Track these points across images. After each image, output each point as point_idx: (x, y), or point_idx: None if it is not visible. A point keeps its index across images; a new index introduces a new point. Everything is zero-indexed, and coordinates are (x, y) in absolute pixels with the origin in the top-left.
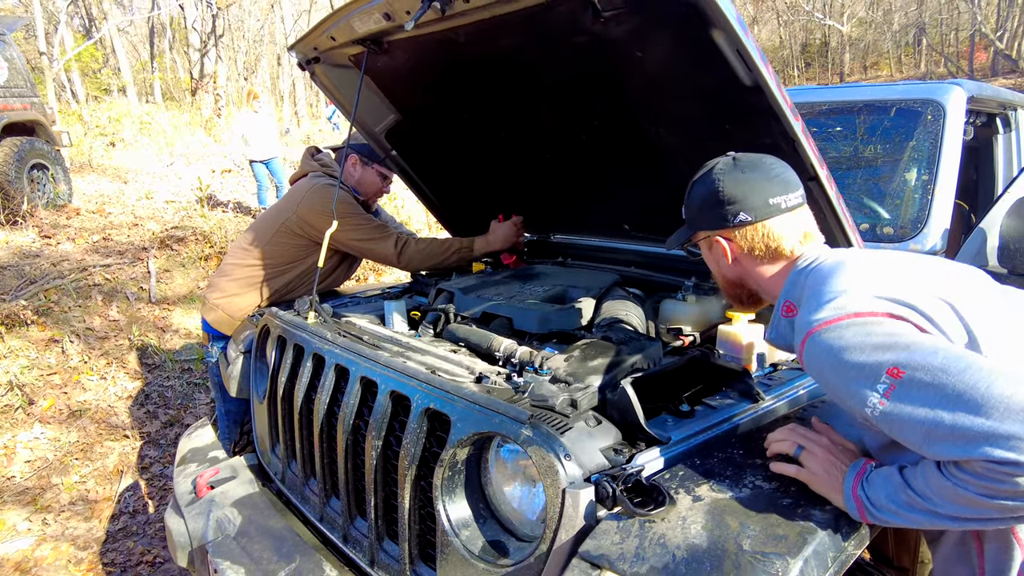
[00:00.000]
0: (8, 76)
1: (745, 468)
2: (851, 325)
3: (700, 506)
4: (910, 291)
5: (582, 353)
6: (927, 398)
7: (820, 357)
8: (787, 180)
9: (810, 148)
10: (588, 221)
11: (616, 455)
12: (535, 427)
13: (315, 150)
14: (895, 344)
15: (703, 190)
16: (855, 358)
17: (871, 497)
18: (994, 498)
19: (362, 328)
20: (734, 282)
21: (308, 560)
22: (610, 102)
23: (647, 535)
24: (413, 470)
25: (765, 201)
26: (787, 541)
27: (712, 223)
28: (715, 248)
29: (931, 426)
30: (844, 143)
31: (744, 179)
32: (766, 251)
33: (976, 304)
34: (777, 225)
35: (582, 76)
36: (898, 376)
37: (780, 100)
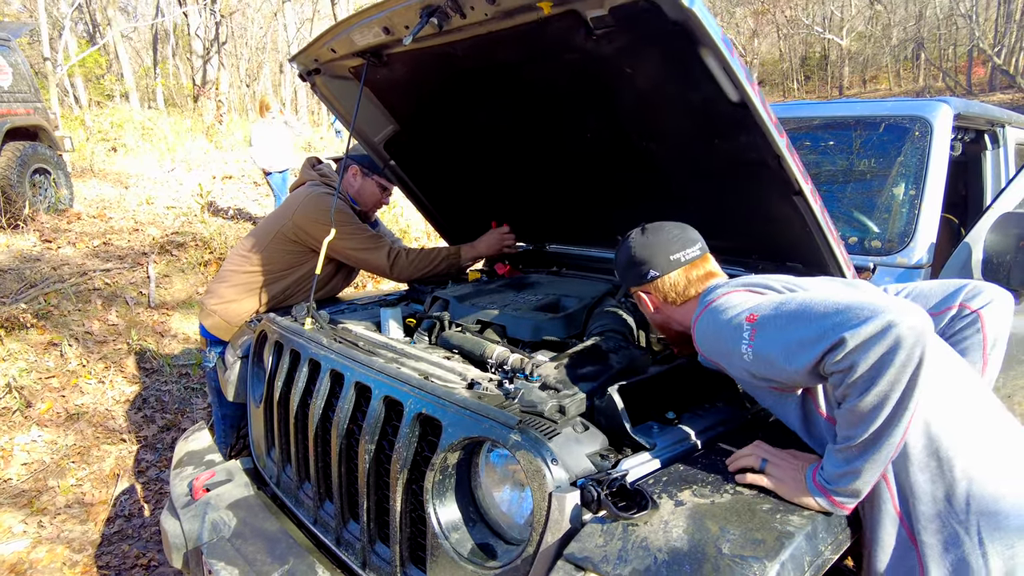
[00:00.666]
0: (12, 81)
1: (727, 475)
2: (716, 306)
3: (682, 510)
4: (761, 279)
5: (572, 361)
6: (777, 327)
7: (702, 337)
8: (684, 239)
9: (794, 163)
10: (582, 231)
11: (602, 460)
12: (524, 432)
13: (315, 160)
14: (747, 301)
15: (623, 256)
16: (723, 323)
17: (826, 477)
18: (860, 389)
19: (358, 334)
20: (663, 326)
21: (301, 562)
22: (602, 116)
23: (630, 538)
24: (405, 474)
25: (667, 258)
26: (765, 545)
27: (634, 280)
28: (641, 300)
29: (785, 346)
30: (834, 158)
31: (649, 243)
32: (677, 296)
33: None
34: (681, 275)
35: (575, 91)
36: (753, 320)
37: (765, 117)
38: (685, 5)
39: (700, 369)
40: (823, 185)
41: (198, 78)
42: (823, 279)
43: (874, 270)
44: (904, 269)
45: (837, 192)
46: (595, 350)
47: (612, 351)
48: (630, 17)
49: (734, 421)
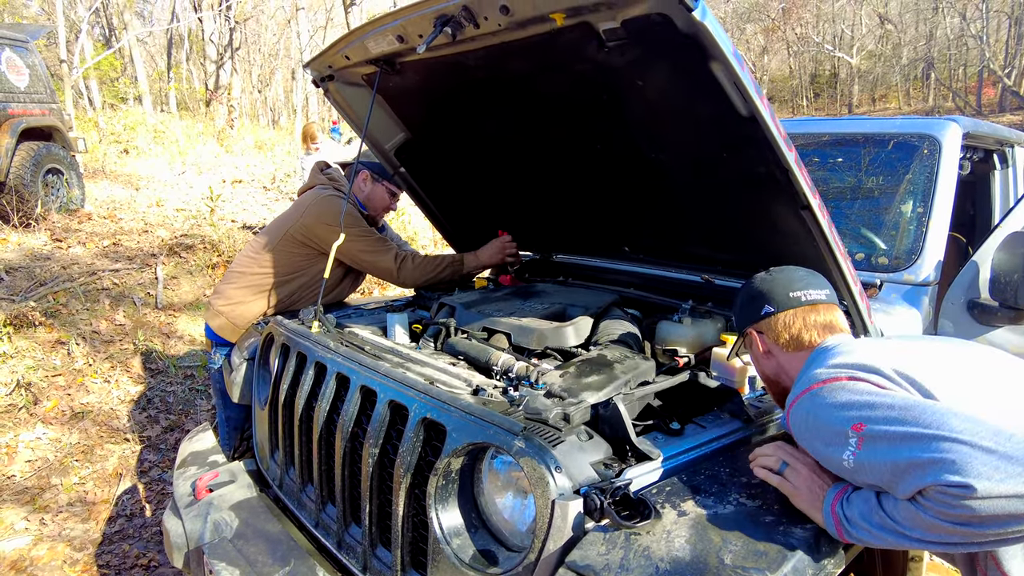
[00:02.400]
0: (29, 82)
1: (730, 486)
2: (819, 395)
3: (685, 521)
4: (871, 359)
5: (577, 369)
6: (888, 443)
7: (798, 425)
8: (809, 280)
9: (803, 178)
10: (589, 242)
11: (606, 469)
12: (528, 439)
13: (324, 165)
14: (856, 402)
15: (742, 293)
16: (824, 420)
17: (848, 515)
18: (952, 523)
19: (364, 339)
20: (771, 378)
21: (302, 564)
22: (612, 127)
23: (632, 547)
24: (408, 478)
25: (786, 294)
26: (767, 557)
27: (746, 318)
28: (752, 343)
29: (894, 466)
30: (842, 174)
31: (771, 279)
32: (789, 340)
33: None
34: (798, 315)
35: (585, 101)
36: (861, 430)
37: (774, 131)
38: (697, 19)
39: (705, 381)
40: (831, 201)
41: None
42: (964, 361)
43: (881, 287)
44: (911, 286)
45: (845, 208)
46: (601, 360)
47: (618, 361)
48: (642, 30)
49: (738, 432)
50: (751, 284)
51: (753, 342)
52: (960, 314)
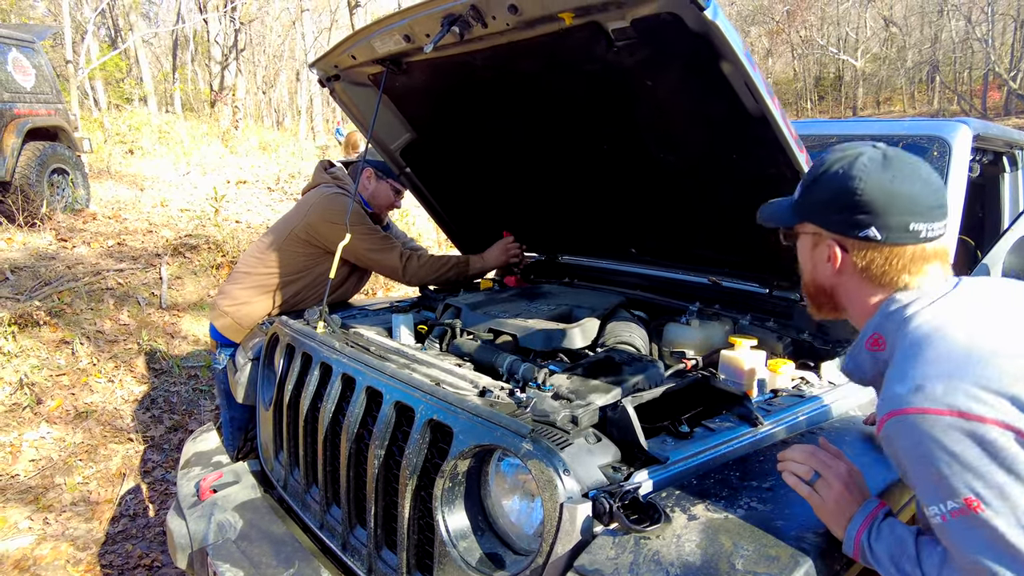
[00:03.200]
0: (35, 82)
1: (741, 490)
2: (952, 427)
3: (695, 525)
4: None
5: (585, 371)
6: (992, 541)
7: (905, 444)
8: (937, 204)
9: None
10: (596, 243)
11: (614, 472)
12: (536, 441)
13: (328, 163)
14: (987, 473)
15: (837, 183)
16: (942, 465)
17: (873, 548)
18: None
19: (370, 339)
20: (824, 288)
21: (307, 566)
22: (620, 127)
23: (642, 551)
24: (414, 480)
25: (905, 224)
26: (779, 562)
27: (833, 225)
28: (820, 250)
29: (976, 565)
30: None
31: (891, 189)
32: (880, 276)
33: None
34: (906, 254)
35: (594, 102)
36: (972, 508)
37: (785, 132)
38: (708, 18)
39: (714, 384)
40: None
41: (215, 84)
42: None
43: None
44: None
45: None
46: (608, 362)
47: (626, 363)
48: (652, 29)
49: (747, 436)
50: (854, 179)
51: (824, 252)
52: None
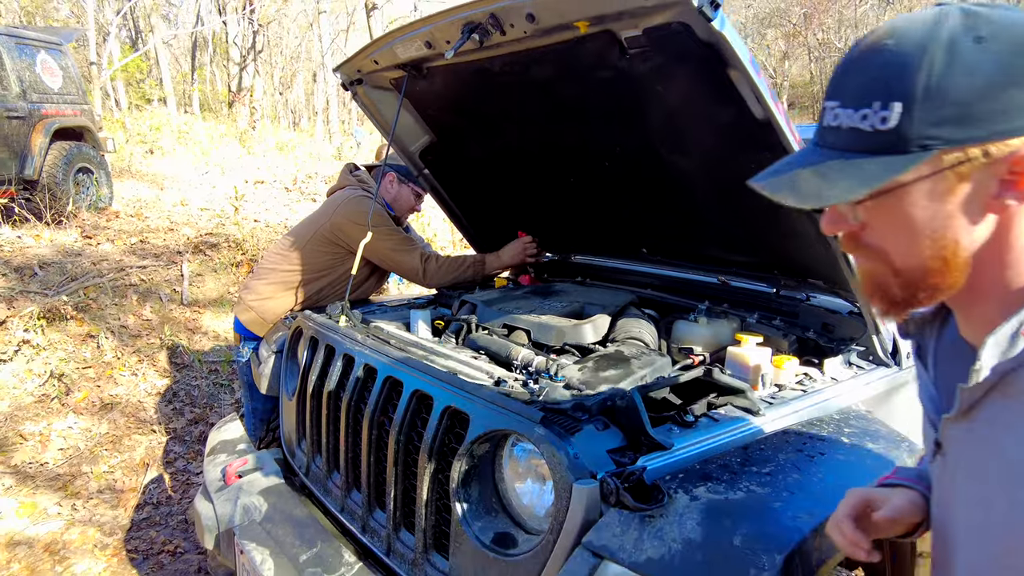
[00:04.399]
0: (62, 84)
1: (741, 475)
2: None
3: (696, 505)
4: None
5: (595, 364)
6: None
7: None
8: None
9: None
10: (607, 243)
11: (621, 457)
12: (548, 427)
13: (354, 166)
14: None
15: (989, 61)
16: None
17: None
18: None
19: (390, 333)
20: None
21: (329, 546)
22: (632, 131)
23: (646, 529)
24: (432, 465)
25: None
26: (777, 540)
27: (954, 125)
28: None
29: None
30: None
31: None
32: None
33: None
34: None
35: (607, 106)
36: None
37: (788, 134)
38: (716, 28)
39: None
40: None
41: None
42: None
43: None
44: None
45: None
46: (618, 355)
47: (634, 356)
48: (663, 38)
49: (751, 427)
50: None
51: (973, 189)
52: None
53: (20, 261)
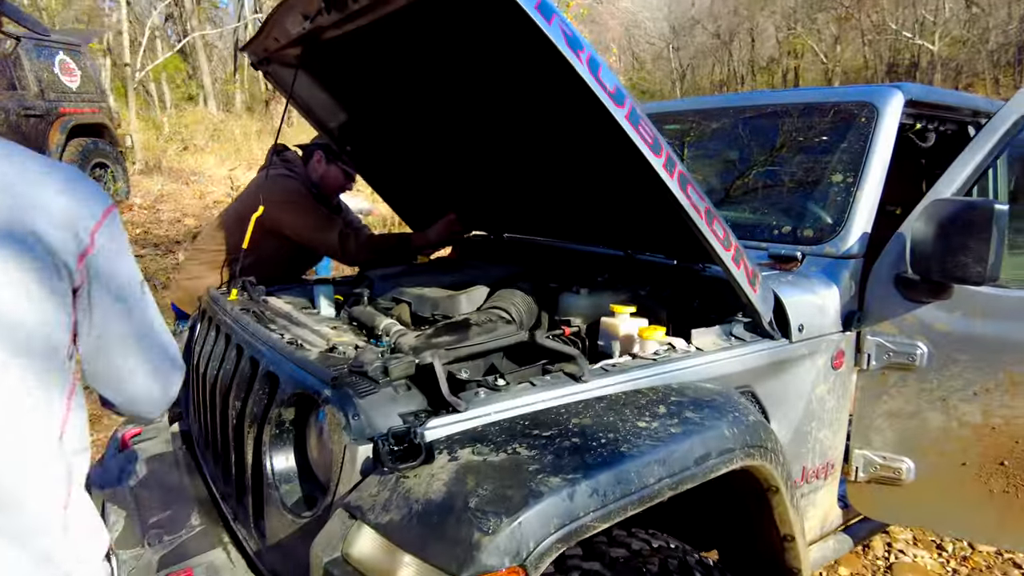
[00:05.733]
0: (80, 83)
1: (518, 436)
2: None
3: (452, 466)
4: None
5: (436, 331)
6: None
7: None
8: None
9: (638, 137)
10: (531, 221)
11: (415, 420)
12: (336, 387)
13: (281, 147)
14: None
15: None
16: None
17: None
18: None
19: (273, 307)
20: None
21: (182, 509)
22: (501, 103)
23: (398, 489)
24: (254, 430)
25: None
26: (509, 501)
27: None
28: None
29: None
30: (779, 145)
31: None
32: None
33: None
34: None
35: (486, 78)
36: None
37: (598, 90)
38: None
39: (542, 342)
40: (767, 174)
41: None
42: None
43: (802, 260)
44: (832, 259)
45: (779, 180)
46: (464, 323)
47: (479, 324)
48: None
49: (567, 394)
50: None
51: None
52: (887, 290)
53: None
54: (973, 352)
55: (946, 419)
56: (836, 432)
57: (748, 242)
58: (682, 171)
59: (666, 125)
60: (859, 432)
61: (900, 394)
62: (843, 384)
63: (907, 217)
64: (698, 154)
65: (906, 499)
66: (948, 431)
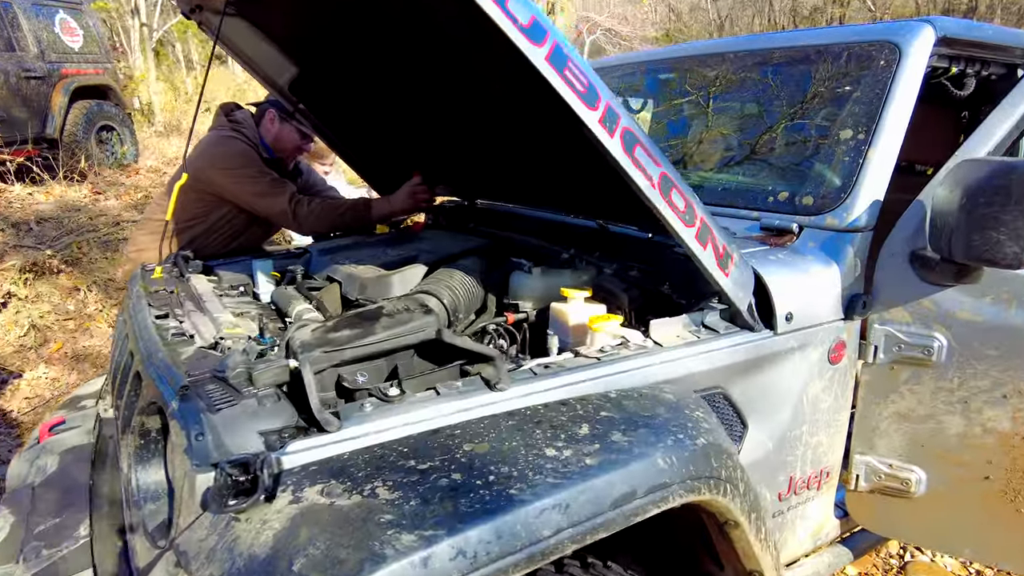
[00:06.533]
0: (83, 43)
1: (385, 470)
2: None
3: (290, 510)
4: None
5: (337, 324)
6: None
7: None
8: None
9: (568, 89)
10: (509, 187)
11: (280, 439)
12: (184, 398)
13: (232, 107)
14: None
15: None
16: None
17: None
18: None
19: (191, 287)
20: None
21: (72, 516)
22: (450, 58)
23: (226, 535)
24: (128, 438)
25: None
26: (341, 567)
27: None
28: None
29: None
30: (783, 97)
31: None
32: None
33: None
34: None
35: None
36: None
37: (518, 41)
38: None
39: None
40: (764, 130)
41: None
42: None
43: (799, 233)
44: (834, 232)
45: (778, 139)
46: (374, 313)
47: (389, 315)
48: None
49: (475, 406)
50: None
51: None
52: (900, 270)
53: (20, 216)
54: (1004, 347)
55: (967, 424)
56: (833, 435)
57: (738, 211)
58: (628, 128)
59: (659, 75)
60: (861, 435)
61: (912, 393)
62: (842, 381)
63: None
64: (686, 109)
65: (915, 513)
66: (969, 438)
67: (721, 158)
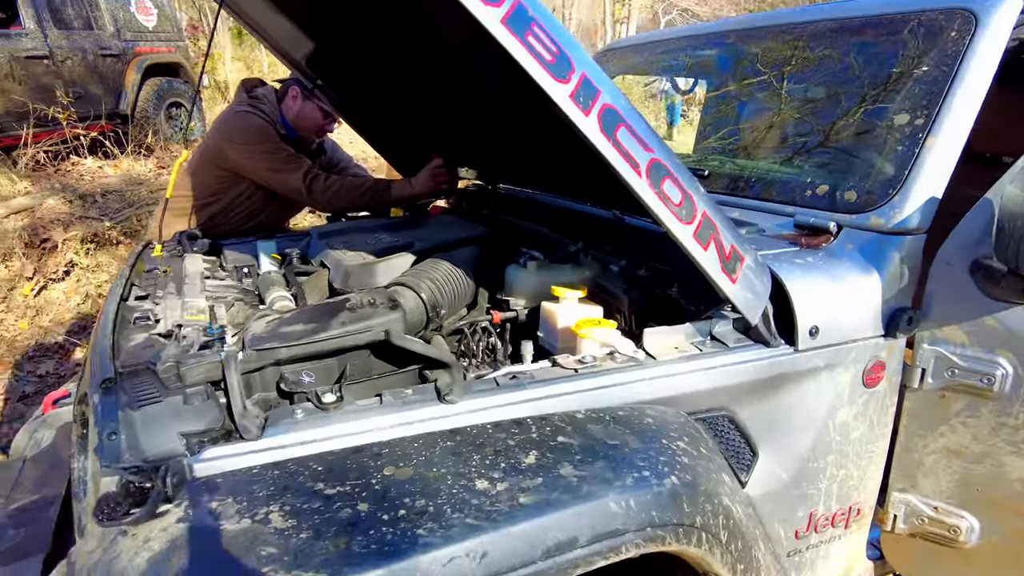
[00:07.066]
0: (157, 22)
1: (287, 493)
2: None
3: (176, 529)
4: None
5: (297, 316)
6: None
7: None
8: None
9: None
10: (529, 172)
11: (199, 444)
12: (106, 392)
13: (255, 83)
14: None
15: None
16: None
17: None
18: None
19: (183, 267)
20: None
21: (52, 494)
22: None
23: (110, 551)
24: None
25: None
26: None
27: None
28: None
29: None
30: (836, 75)
31: None
32: None
33: None
34: None
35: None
36: None
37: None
38: None
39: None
40: (809, 114)
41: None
42: None
43: (837, 233)
44: (878, 234)
45: (822, 124)
46: (336, 306)
47: (351, 309)
48: None
49: (422, 421)
50: None
51: None
52: (960, 281)
53: (88, 189)
54: None
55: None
56: (866, 468)
57: (772, 204)
58: (609, 105)
59: (698, 51)
60: (902, 470)
61: (966, 427)
62: (880, 407)
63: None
64: (722, 89)
65: (963, 566)
66: None
67: (757, 145)
